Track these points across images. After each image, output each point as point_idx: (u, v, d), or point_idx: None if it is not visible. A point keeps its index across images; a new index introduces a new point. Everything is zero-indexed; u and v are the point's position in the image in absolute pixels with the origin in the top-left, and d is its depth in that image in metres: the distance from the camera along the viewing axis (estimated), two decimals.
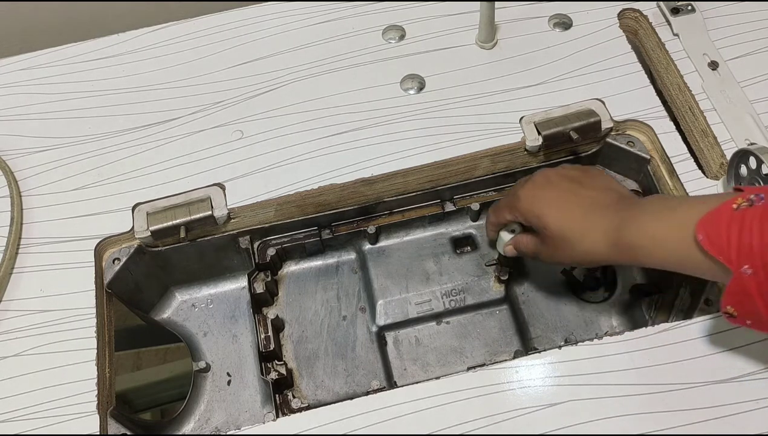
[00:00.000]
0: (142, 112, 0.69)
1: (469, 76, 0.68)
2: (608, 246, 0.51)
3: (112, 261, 0.62)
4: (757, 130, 0.62)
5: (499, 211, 0.60)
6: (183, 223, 0.62)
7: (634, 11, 0.71)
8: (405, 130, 0.65)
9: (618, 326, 0.67)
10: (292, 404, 0.63)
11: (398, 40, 0.72)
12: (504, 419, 0.51)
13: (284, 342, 0.67)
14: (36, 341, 0.57)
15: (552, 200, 0.55)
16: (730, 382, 0.51)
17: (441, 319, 0.68)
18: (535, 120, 0.64)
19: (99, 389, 0.55)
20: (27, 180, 0.65)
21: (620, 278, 0.69)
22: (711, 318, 0.54)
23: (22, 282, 0.60)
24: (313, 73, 0.70)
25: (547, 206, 0.55)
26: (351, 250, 0.71)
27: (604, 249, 0.51)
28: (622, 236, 0.50)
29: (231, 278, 0.70)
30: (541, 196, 0.56)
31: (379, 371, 0.66)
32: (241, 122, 0.67)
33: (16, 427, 0.53)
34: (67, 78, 0.71)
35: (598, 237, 0.52)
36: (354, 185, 0.64)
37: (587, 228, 0.52)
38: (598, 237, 0.52)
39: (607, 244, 0.51)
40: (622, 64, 0.68)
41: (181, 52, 0.72)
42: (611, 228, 0.51)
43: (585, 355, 0.53)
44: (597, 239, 0.52)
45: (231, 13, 0.75)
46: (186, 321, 0.69)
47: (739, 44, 0.67)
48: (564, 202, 0.54)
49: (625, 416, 0.50)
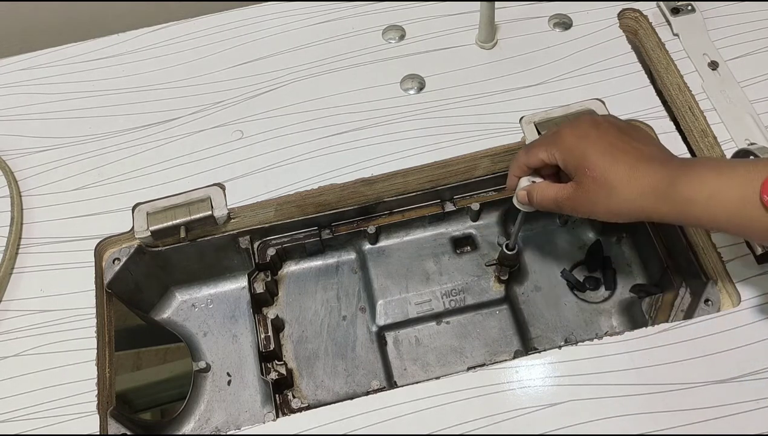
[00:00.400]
0: (142, 112, 0.69)
1: (469, 76, 0.68)
2: (657, 197, 0.47)
3: (112, 261, 0.62)
4: (757, 130, 0.62)
5: (533, 150, 0.54)
6: (183, 223, 0.62)
7: (634, 11, 0.71)
8: (405, 130, 0.65)
9: (618, 326, 0.67)
10: (292, 404, 0.63)
11: (398, 40, 0.72)
12: (504, 419, 0.51)
13: (284, 342, 0.67)
14: (36, 341, 0.57)
15: (599, 142, 0.50)
16: (730, 382, 0.51)
17: (441, 319, 0.68)
18: (535, 120, 0.64)
19: (99, 389, 0.55)
20: (27, 180, 0.65)
21: (620, 278, 0.69)
22: (711, 318, 0.54)
23: (22, 282, 0.60)
24: (313, 73, 0.70)
25: (595, 145, 0.50)
26: (351, 250, 0.71)
27: (650, 200, 0.48)
28: (675, 189, 0.47)
29: (231, 278, 0.70)
30: (587, 136, 0.51)
31: (379, 371, 0.66)
32: (241, 122, 0.67)
33: (16, 427, 0.53)
34: (67, 78, 0.71)
35: (645, 186, 0.48)
36: (354, 185, 0.64)
37: (635, 176, 0.48)
38: (645, 186, 0.48)
39: (656, 195, 0.47)
40: (622, 64, 0.68)
41: (181, 52, 0.72)
42: (663, 179, 0.47)
43: (585, 355, 0.53)
44: (645, 188, 0.48)
45: (231, 13, 0.75)
46: (186, 321, 0.69)
47: (739, 44, 0.67)
48: (612, 146, 0.50)
49: (625, 416, 0.50)
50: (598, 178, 0.49)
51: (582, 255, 0.71)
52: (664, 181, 0.48)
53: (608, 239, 0.71)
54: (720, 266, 0.57)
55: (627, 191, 0.49)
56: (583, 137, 0.51)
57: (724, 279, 0.57)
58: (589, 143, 0.50)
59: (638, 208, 0.49)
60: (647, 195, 0.48)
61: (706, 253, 0.59)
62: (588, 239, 0.72)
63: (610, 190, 0.49)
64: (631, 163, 0.49)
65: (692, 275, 0.61)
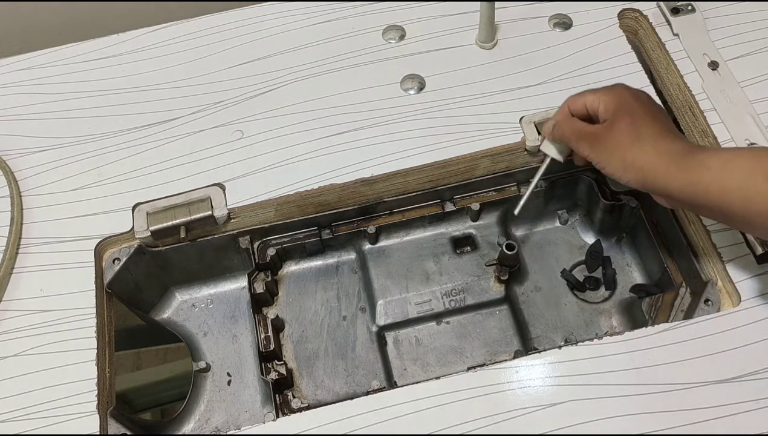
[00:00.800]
0: (142, 112, 0.69)
1: (469, 76, 0.68)
2: (672, 159, 0.50)
3: (112, 261, 0.62)
4: (757, 130, 0.62)
5: (581, 95, 0.57)
6: (183, 223, 0.62)
7: (634, 11, 0.71)
8: (405, 130, 0.65)
9: (618, 326, 0.67)
10: (292, 404, 0.63)
11: (398, 40, 0.72)
12: (504, 419, 0.51)
13: (284, 342, 0.67)
14: (36, 341, 0.57)
15: (646, 104, 0.55)
16: (730, 382, 0.51)
17: (441, 319, 0.68)
18: (535, 120, 0.64)
19: (99, 389, 0.55)
20: (27, 180, 0.65)
21: (620, 278, 0.69)
22: (711, 318, 0.54)
23: (22, 282, 0.60)
24: (313, 73, 0.70)
25: (640, 104, 0.54)
26: (351, 250, 0.71)
27: (665, 161, 0.50)
28: (690, 155, 0.50)
29: (231, 278, 0.70)
30: (639, 96, 0.55)
31: (379, 371, 0.66)
32: (241, 122, 0.67)
33: (16, 427, 0.53)
34: (67, 78, 0.71)
35: (667, 146, 0.51)
36: (354, 185, 0.64)
37: (663, 136, 0.52)
38: (667, 146, 0.51)
39: (673, 157, 0.50)
40: (622, 64, 0.68)
41: (181, 52, 0.72)
42: (683, 147, 0.51)
43: (585, 355, 0.53)
44: (666, 148, 0.51)
45: (231, 13, 0.75)
46: (186, 321, 0.69)
47: (739, 44, 0.67)
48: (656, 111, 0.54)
49: (625, 416, 0.50)
50: (632, 124, 0.52)
51: (582, 255, 0.71)
52: (683, 150, 0.51)
53: (608, 239, 0.71)
54: (720, 266, 0.57)
55: (649, 146, 0.51)
56: (634, 97, 0.55)
57: (724, 279, 0.57)
58: (638, 102, 0.54)
59: (651, 167, 0.51)
60: (664, 156, 0.51)
61: (706, 253, 0.59)
62: (588, 239, 0.72)
63: (636, 138, 0.52)
64: (663, 129, 0.53)
65: (692, 275, 0.61)
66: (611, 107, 0.54)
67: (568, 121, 0.57)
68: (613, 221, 0.69)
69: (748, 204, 0.47)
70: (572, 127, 0.57)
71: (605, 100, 0.55)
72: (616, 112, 0.54)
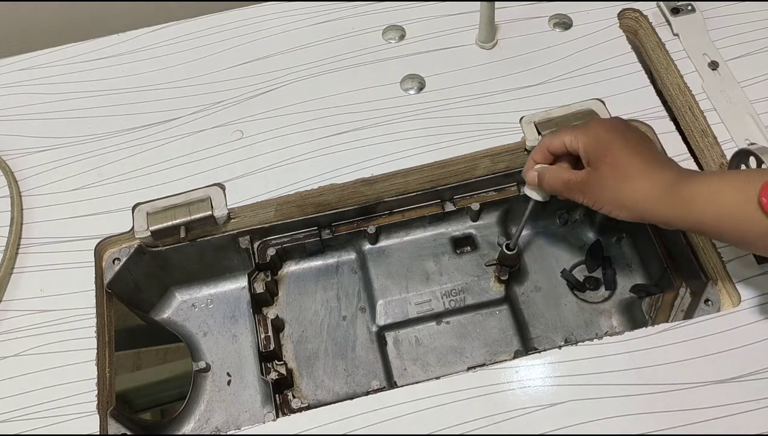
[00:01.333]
0: (142, 112, 0.69)
1: (469, 76, 0.68)
2: (663, 193, 0.50)
3: (112, 261, 0.62)
4: (757, 130, 0.62)
5: (558, 134, 0.57)
6: (183, 223, 0.62)
7: (634, 11, 0.71)
8: (405, 130, 0.65)
9: (618, 326, 0.67)
10: (292, 404, 0.63)
11: (398, 40, 0.72)
12: (504, 419, 0.51)
13: (284, 342, 0.67)
14: (36, 341, 0.57)
15: (624, 135, 0.54)
16: (730, 382, 0.51)
17: (441, 319, 0.68)
18: (535, 120, 0.64)
19: (99, 389, 0.55)
20: (27, 180, 0.65)
21: (620, 278, 0.69)
22: (711, 318, 0.54)
23: (22, 282, 0.60)
24: (313, 73, 0.70)
25: (619, 138, 0.53)
26: (351, 250, 0.71)
27: (656, 195, 0.50)
28: (680, 185, 0.49)
29: (231, 278, 0.70)
30: (615, 129, 0.54)
31: (379, 371, 0.66)
32: (241, 122, 0.67)
33: (16, 427, 0.53)
34: (67, 78, 0.71)
35: (656, 181, 0.50)
36: (354, 185, 0.64)
37: (649, 171, 0.51)
38: (656, 181, 0.50)
39: (663, 190, 0.50)
40: (622, 64, 0.68)
41: (181, 52, 0.72)
42: (672, 178, 0.50)
43: (585, 355, 0.53)
44: (655, 182, 0.50)
45: (231, 13, 0.75)
46: (186, 321, 0.69)
47: (739, 44, 0.67)
48: (636, 142, 0.53)
49: (625, 416, 0.50)
50: (616, 165, 0.52)
51: (582, 255, 0.71)
52: (672, 180, 0.50)
53: (608, 239, 0.71)
54: (720, 266, 0.57)
55: (638, 183, 0.51)
56: (611, 130, 0.54)
57: (724, 279, 0.57)
58: (616, 136, 0.53)
59: (643, 201, 0.51)
60: (655, 189, 0.50)
61: (706, 253, 0.59)
62: (588, 239, 0.72)
63: (623, 179, 0.52)
64: (648, 160, 0.52)
65: (692, 275, 0.61)
66: (591, 148, 0.54)
67: (554, 172, 0.57)
68: (613, 221, 0.69)
69: (743, 230, 0.47)
70: (560, 179, 0.56)
71: (584, 140, 0.54)
72: (597, 154, 0.53)
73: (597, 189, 0.53)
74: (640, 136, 0.55)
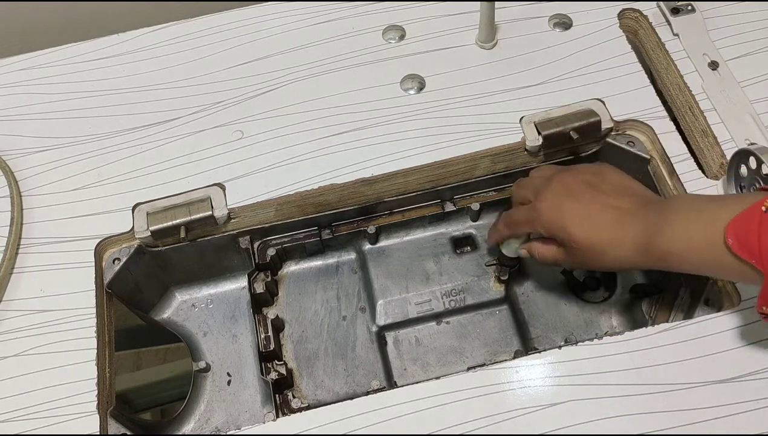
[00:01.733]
0: (142, 112, 0.69)
1: (469, 76, 0.68)
2: (639, 254, 0.50)
3: (112, 261, 0.62)
4: (757, 130, 0.62)
5: (515, 224, 0.59)
6: (183, 223, 0.62)
7: (634, 11, 0.71)
8: (405, 130, 0.65)
9: (618, 326, 0.67)
10: (292, 404, 0.63)
11: (398, 40, 0.72)
12: (504, 419, 0.51)
13: (284, 342, 0.67)
14: (36, 341, 0.57)
15: (576, 212, 0.53)
16: (730, 382, 0.51)
17: (441, 319, 0.68)
18: (535, 120, 0.64)
19: (99, 389, 0.55)
20: (27, 180, 0.65)
21: (620, 278, 0.69)
22: (711, 318, 0.54)
23: (22, 282, 0.60)
24: (313, 73, 0.70)
25: (572, 218, 0.53)
26: (351, 250, 0.71)
27: (634, 257, 0.51)
28: (652, 244, 0.49)
29: (231, 278, 0.70)
30: (564, 208, 0.54)
31: (379, 371, 0.66)
32: (241, 122, 0.67)
33: (16, 427, 0.53)
34: (67, 78, 0.71)
35: (627, 246, 0.51)
36: (354, 185, 0.64)
37: (616, 238, 0.51)
38: (627, 246, 0.51)
39: (638, 252, 0.50)
40: (622, 64, 0.68)
41: (181, 52, 0.72)
42: (640, 236, 0.50)
43: (585, 355, 0.53)
44: (627, 247, 0.51)
45: (231, 13, 0.75)
46: (186, 321, 0.69)
47: (739, 44, 0.67)
48: (589, 212, 0.53)
49: (625, 416, 0.50)
50: (583, 247, 0.53)
51: None
52: (641, 239, 0.50)
53: None
54: None
55: (612, 252, 0.52)
56: (559, 210, 0.54)
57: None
58: (566, 215, 0.54)
59: (628, 263, 0.52)
60: (630, 252, 0.51)
61: None
62: None
63: (596, 254, 0.53)
64: (610, 225, 0.52)
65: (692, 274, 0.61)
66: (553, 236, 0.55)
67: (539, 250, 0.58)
68: None
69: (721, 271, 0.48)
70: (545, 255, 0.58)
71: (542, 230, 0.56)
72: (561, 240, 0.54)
73: (581, 263, 0.55)
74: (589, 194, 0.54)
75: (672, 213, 0.49)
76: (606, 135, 0.65)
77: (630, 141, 0.65)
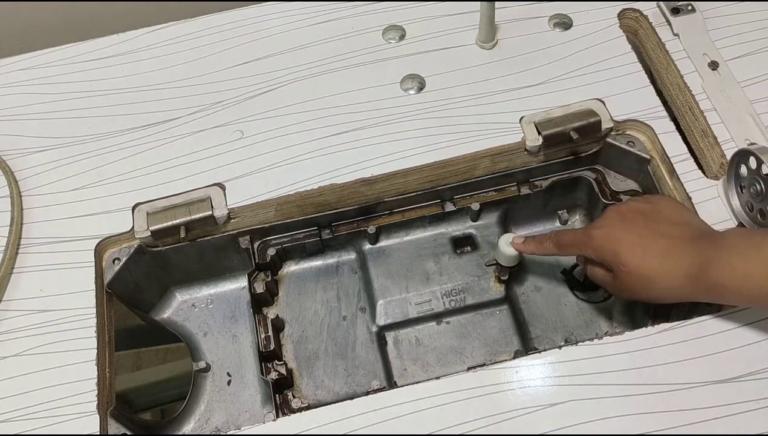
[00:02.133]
0: (142, 112, 0.69)
1: (469, 76, 0.68)
2: (691, 285, 0.50)
3: (112, 261, 0.62)
4: (757, 130, 0.62)
5: (566, 247, 0.58)
6: (183, 223, 0.62)
7: (634, 11, 0.71)
8: (405, 130, 0.65)
9: (618, 326, 0.67)
10: (292, 404, 0.63)
11: (398, 40, 0.72)
12: (504, 419, 0.51)
13: (284, 342, 0.67)
14: (36, 341, 0.57)
15: (627, 237, 0.53)
16: (730, 382, 0.51)
17: (441, 319, 0.68)
18: (535, 120, 0.64)
19: (99, 389, 0.55)
20: (27, 180, 0.65)
21: None
22: (711, 318, 0.54)
23: (22, 282, 0.60)
24: (313, 73, 0.70)
25: (624, 244, 0.53)
26: (351, 250, 0.71)
27: (686, 289, 0.51)
28: (706, 276, 0.49)
29: (231, 278, 0.70)
30: (616, 234, 0.54)
31: (379, 371, 0.66)
32: (241, 122, 0.67)
33: (16, 427, 0.53)
34: (67, 78, 0.71)
35: (680, 276, 0.51)
36: (354, 185, 0.64)
37: (668, 268, 0.51)
38: (680, 276, 0.51)
39: (690, 283, 0.50)
40: (622, 64, 0.68)
41: (181, 52, 0.72)
42: (694, 267, 0.50)
43: (585, 355, 0.53)
44: (679, 278, 0.51)
45: (231, 13, 0.75)
46: (186, 321, 0.69)
47: (739, 44, 0.67)
48: (641, 239, 0.53)
49: (625, 416, 0.50)
50: (632, 273, 0.52)
51: None
52: (695, 268, 0.50)
53: None
54: None
55: (662, 282, 0.51)
56: (612, 236, 0.54)
57: None
58: (618, 241, 0.53)
59: (677, 294, 0.52)
60: (682, 281, 0.51)
61: None
62: None
63: (645, 282, 0.52)
64: (662, 253, 0.52)
65: None
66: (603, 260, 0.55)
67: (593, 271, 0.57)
68: None
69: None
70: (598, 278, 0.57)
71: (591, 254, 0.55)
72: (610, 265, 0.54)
73: (628, 291, 0.54)
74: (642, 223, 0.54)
75: (727, 248, 0.49)
76: (606, 135, 0.65)
77: (630, 141, 0.65)
